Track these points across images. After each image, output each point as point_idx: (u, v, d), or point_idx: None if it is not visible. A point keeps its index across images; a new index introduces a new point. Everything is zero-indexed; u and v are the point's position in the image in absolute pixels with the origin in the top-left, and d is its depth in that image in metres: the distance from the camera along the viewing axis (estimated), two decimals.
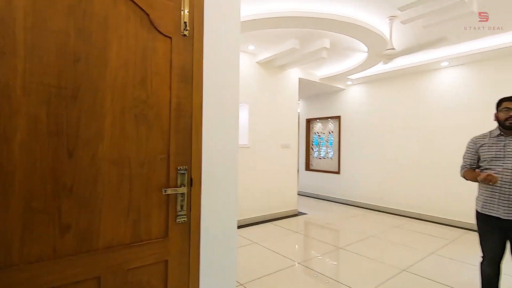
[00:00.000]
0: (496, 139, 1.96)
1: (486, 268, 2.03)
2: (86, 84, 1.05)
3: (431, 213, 4.69)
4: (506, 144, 1.90)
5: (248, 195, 4.42)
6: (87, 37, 1.04)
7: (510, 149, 1.88)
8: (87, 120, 1.04)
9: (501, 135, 1.95)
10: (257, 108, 4.56)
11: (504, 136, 1.93)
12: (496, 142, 1.95)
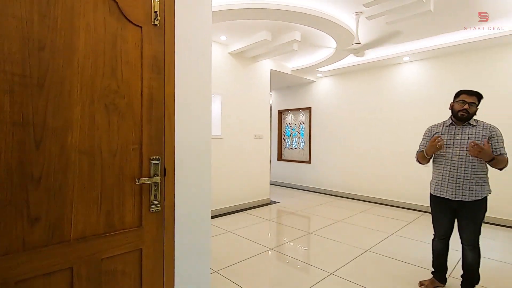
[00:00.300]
0: (448, 128, 2.17)
1: (437, 244, 2.28)
2: (53, 73, 1.02)
3: (393, 198, 5.06)
4: (456, 133, 2.12)
5: (221, 185, 4.46)
6: (52, 24, 1.01)
7: (459, 138, 2.09)
8: (54, 110, 1.02)
9: (452, 125, 2.16)
10: (230, 99, 4.57)
11: (455, 125, 2.14)
12: (448, 131, 2.16)
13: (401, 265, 2.68)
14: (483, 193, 2.03)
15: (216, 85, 4.35)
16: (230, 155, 4.60)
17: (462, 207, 2.07)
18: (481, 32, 3.79)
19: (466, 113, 2.03)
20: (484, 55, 4.11)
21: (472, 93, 2.05)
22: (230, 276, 2.42)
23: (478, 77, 4.15)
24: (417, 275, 2.44)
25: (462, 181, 2.03)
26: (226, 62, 4.51)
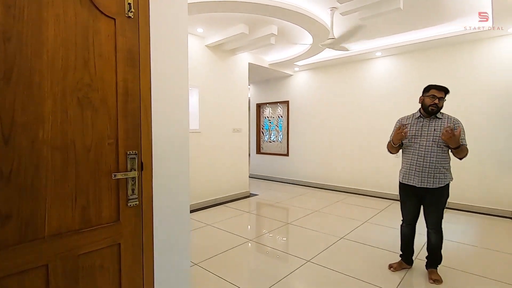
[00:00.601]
0: (417, 120, 2.31)
1: (404, 229, 2.44)
2: (20, 65, 0.98)
3: (367, 187, 5.30)
4: (424, 125, 2.26)
5: (200, 179, 4.46)
6: (18, 14, 0.97)
7: (426, 130, 2.24)
8: (24, 104, 0.99)
9: (420, 117, 2.30)
10: (208, 92, 4.54)
11: (423, 118, 2.29)
12: (417, 123, 2.30)
13: (373, 250, 2.84)
14: (445, 181, 2.20)
15: (193, 78, 4.29)
16: (209, 149, 4.59)
17: (427, 194, 2.23)
18: (446, 29, 4.02)
19: (436, 107, 2.18)
20: (450, 51, 4.37)
21: (441, 88, 2.20)
22: (210, 268, 2.46)
23: (445, 72, 4.41)
24: (387, 259, 2.60)
25: (428, 170, 2.18)
26: (203, 54, 4.45)
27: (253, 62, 5.30)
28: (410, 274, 2.37)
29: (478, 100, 4.15)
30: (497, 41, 4.00)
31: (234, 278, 2.29)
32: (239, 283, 2.22)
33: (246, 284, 2.21)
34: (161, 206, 1.41)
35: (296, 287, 2.22)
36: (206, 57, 4.50)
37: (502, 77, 3.97)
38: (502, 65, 3.97)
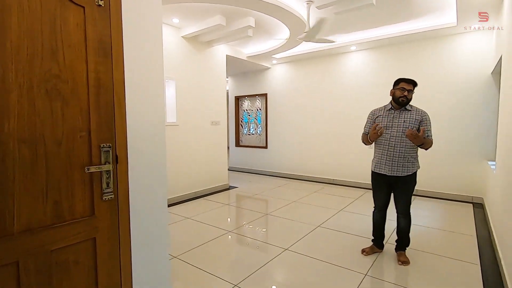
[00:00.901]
0: (388, 112, 2.42)
1: (376, 215, 2.58)
2: None
3: (342, 177, 5.49)
4: (394, 117, 2.38)
5: (179, 172, 4.41)
6: None
7: (396, 121, 2.36)
8: None
9: (391, 109, 2.42)
10: (185, 84, 4.46)
11: (394, 110, 2.40)
12: (388, 115, 2.41)
13: (347, 236, 2.98)
14: (413, 169, 2.34)
15: (170, 70, 4.20)
16: (187, 142, 4.54)
17: (397, 182, 2.36)
18: (415, 25, 4.20)
19: (406, 99, 2.30)
20: (419, 46, 4.57)
21: (410, 81, 2.32)
22: (190, 260, 2.47)
23: (414, 66, 4.61)
24: (360, 244, 2.74)
25: (397, 159, 2.31)
26: (179, 46, 4.36)
27: (230, 55, 5.26)
28: (381, 257, 2.52)
29: (443, 93, 4.40)
30: (460, 38, 4.24)
31: (214, 269, 2.32)
32: (219, 273, 2.26)
33: (226, 274, 2.25)
34: (138, 199, 1.40)
35: (274, 274, 2.29)
36: (182, 48, 4.40)
37: (465, 71, 4.23)
38: (465, 60, 4.22)
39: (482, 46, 4.10)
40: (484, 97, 4.11)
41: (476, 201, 4.22)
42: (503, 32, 2.84)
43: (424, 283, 2.11)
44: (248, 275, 2.22)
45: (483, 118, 4.12)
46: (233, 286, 2.08)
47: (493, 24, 3.83)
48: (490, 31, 4.00)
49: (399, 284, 2.13)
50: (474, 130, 4.21)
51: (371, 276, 2.21)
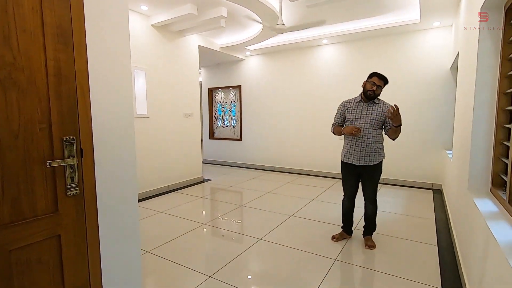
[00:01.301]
0: (357, 104, 2.52)
1: (345, 203, 2.70)
2: None
3: (315, 168, 5.66)
4: (363, 109, 2.48)
5: (151, 166, 4.29)
6: None
7: (365, 113, 2.46)
8: None
9: (361, 101, 2.51)
10: (155, 75, 4.31)
11: (363, 102, 2.50)
12: (357, 106, 2.51)
13: (318, 224, 3.10)
14: (379, 159, 2.47)
15: (139, 59, 4.03)
16: (159, 134, 4.42)
17: (364, 171, 2.49)
18: (383, 21, 4.37)
19: (373, 93, 2.40)
20: (386, 41, 4.77)
21: (382, 77, 2.42)
22: (164, 254, 2.44)
23: (382, 59, 4.81)
24: (331, 231, 2.86)
25: (365, 150, 2.42)
26: (149, 35, 4.18)
27: (203, 45, 5.14)
28: (350, 242, 2.65)
29: (407, 87, 4.65)
30: (423, 34, 4.48)
31: (188, 262, 2.31)
32: (193, 266, 2.26)
33: (200, 266, 2.26)
34: (106, 194, 1.35)
35: (249, 264, 2.33)
36: (152, 38, 4.23)
37: (426, 66, 4.49)
38: (426, 55, 4.48)
39: (442, 42, 4.36)
40: (443, 91, 4.40)
41: (435, 187, 4.55)
42: (460, 30, 3.04)
43: (388, 264, 2.26)
44: (223, 266, 2.24)
45: (442, 110, 4.42)
46: (207, 277, 2.09)
47: (451, 22, 4.08)
48: (450, 29, 4.27)
49: (365, 266, 2.26)
50: (434, 122, 4.51)
51: (340, 260, 2.33)
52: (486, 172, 1.88)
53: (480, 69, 1.85)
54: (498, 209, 1.55)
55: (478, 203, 1.66)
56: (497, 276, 1.20)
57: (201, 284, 2.01)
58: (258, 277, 2.15)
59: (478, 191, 1.89)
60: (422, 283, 2.00)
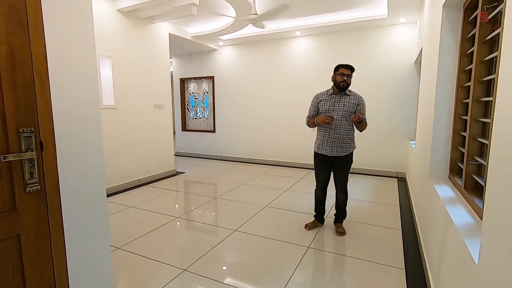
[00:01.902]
0: (330, 96, 2.58)
1: (318, 192, 2.78)
2: None
3: (288, 159, 5.76)
4: (335, 101, 2.54)
5: (121, 159, 4.11)
6: None
7: (337, 105, 2.53)
8: None
9: (333, 94, 2.57)
10: (123, 64, 4.09)
11: (335, 94, 2.56)
12: (330, 99, 2.57)
13: (292, 214, 3.17)
14: (350, 149, 2.57)
15: (104, 47, 3.79)
16: (129, 126, 4.23)
17: (336, 161, 2.57)
18: (354, 14, 4.48)
19: (346, 83, 2.47)
20: (357, 35, 4.90)
21: (348, 66, 2.50)
22: (136, 249, 2.37)
23: (353, 53, 4.95)
24: (304, 220, 2.95)
25: (337, 141, 2.51)
26: (115, 20, 3.94)
27: (174, 33, 4.96)
28: (322, 230, 2.75)
29: (375, 80, 4.84)
30: (390, 29, 4.67)
31: (161, 256, 2.27)
32: (167, 260, 2.22)
33: (174, 260, 2.22)
34: (71, 189, 1.27)
35: (224, 255, 2.33)
36: (119, 23, 3.99)
37: (393, 61, 4.70)
38: (393, 50, 4.68)
39: (407, 38, 4.58)
40: (408, 84, 4.64)
41: (400, 175, 4.84)
42: (424, 26, 3.21)
43: (357, 249, 2.38)
44: (198, 259, 2.23)
45: (406, 103, 4.67)
46: (182, 271, 2.07)
47: (416, 18, 4.29)
48: (414, 25, 4.48)
49: (336, 252, 2.36)
50: (400, 114, 4.76)
51: (313, 248, 2.41)
52: (445, 160, 2.03)
53: (441, 64, 1.97)
54: (455, 195, 1.69)
55: (438, 189, 1.79)
56: (454, 255, 1.31)
57: (175, 278, 1.99)
58: (233, 268, 2.16)
59: (438, 178, 2.03)
60: (388, 265, 2.14)
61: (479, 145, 1.56)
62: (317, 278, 2.04)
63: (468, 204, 1.50)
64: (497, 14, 1.33)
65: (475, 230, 1.21)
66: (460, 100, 1.86)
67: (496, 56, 1.23)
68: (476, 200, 1.42)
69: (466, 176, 1.60)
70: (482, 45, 1.48)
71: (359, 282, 1.95)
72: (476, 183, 1.55)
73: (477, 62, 1.51)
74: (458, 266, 1.22)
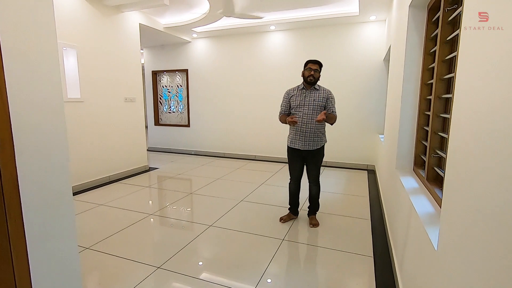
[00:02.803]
0: (301, 91, 2.62)
1: (292, 185, 2.84)
2: None
3: (264, 153, 5.81)
4: (306, 96, 2.59)
5: (89, 155, 3.91)
6: None
7: (308, 99, 2.57)
8: None
9: (303, 89, 2.62)
10: (90, 54, 3.87)
11: (305, 89, 2.61)
12: (300, 94, 2.61)
13: (267, 207, 3.21)
14: (322, 143, 2.64)
15: (68, 35, 3.56)
16: (97, 120, 4.03)
17: (308, 155, 2.63)
18: (327, 11, 4.56)
19: (313, 78, 2.52)
20: (329, 31, 5.00)
21: (315, 62, 2.55)
22: (106, 249, 2.29)
23: (326, 48, 5.05)
24: (279, 213, 3.00)
25: (309, 135, 2.56)
26: (80, 7, 3.70)
27: (145, 24, 4.76)
28: (296, 222, 2.82)
29: (346, 75, 4.99)
30: (361, 26, 4.82)
31: (134, 255, 2.21)
32: (140, 258, 2.16)
33: (148, 258, 2.17)
34: (32, 188, 1.19)
35: (199, 251, 2.32)
36: (83, 11, 3.75)
37: (363, 57, 4.86)
38: (363, 46, 4.84)
39: (377, 36, 4.75)
40: (377, 80, 4.84)
41: (370, 168, 5.06)
42: (392, 24, 3.34)
43: (329, 240, 2.47)
44: (172, 255, 2.19)
45: (376, 98, 4.87)
46: (156, 268, 2.03)
47: (385, 17, 4.45)
48: (384, 23, 4.65)
49: (310, 243, 2.44)
50: (370, 108, 4.95)
51: (288, 240, 2.47)
52: (410, 153, 2.15)
53: (407, 62, 2.07)
54: (418, 186, 1.80)
55: (403, 181, 1.90)
56: (416, 242, 1.40)
57: (149, 276, 1.94)
58: (208, 263, 2.16)
59: (404, 170, 2.15)
60: (357, 254, 2.24)
61: (440, 139, 1.67)
62: (291, 269, 2.09)
63: (430, 194, 1.60)
64: (457, 15, 1.41)
65: (435, 218, 1.30)
66: (424, 96, 1.97)
67: (455, 56, 1.31)
68: (437, 190, 1.52)
69: (428, 168, 1.71)
70: (443, 44, 1.58)
71: (331, 271, 2.03)
72: (437, 174, 1.66)
73: (439, 61, 1.61)
74: (419, 252, 1.31)
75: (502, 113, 0.64)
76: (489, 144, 0.70)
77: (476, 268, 0.72)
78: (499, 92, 0.66)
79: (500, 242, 0.62)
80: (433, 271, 1.07)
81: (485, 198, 0.70)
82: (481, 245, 0.70)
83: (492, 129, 0.69)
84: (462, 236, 0.82)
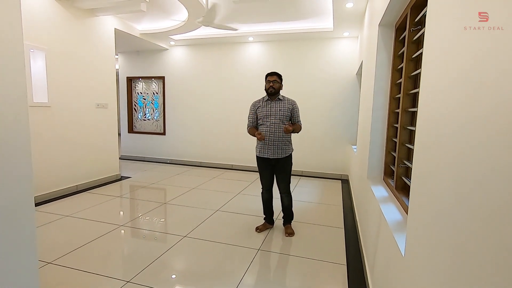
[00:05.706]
0: (266, 102, 2.70)
1: (264, 194, 2.85)
2: None
3: (240, 163, 5.79)
4: (271, 106, 2.66)
5: (55, 163, 3.69)
6: None
7: (274, 110, 2.64)
8: None
9: (268, 100, 2.69)
10: (60, 57, 3.70)
11: (270, 100, 2.68)
12: (266, 105, 2.69)
13: (243, 217, 3.19)
14: (289, 151, 2.71)
15: (36, 37, 3.39)
16: (65, 126, 3.83)
17: (277, 163, 2.68)
18: (303, 25, 4.73)
19: (273, 89, 2.63)
20: (305, 44, 5.17)
21: (273, 73, 2.68)
22: (71, 263, 2.14)
23: (300, 61, 5.20)
24: (255, 223, 2.98)
25: (277, 144, 2.62)
26: (50, 9, 3.55)
27: (120, 29, 4.65)
28: (272, 232, 2.82)
29: (321, 88, 5.16)
30: (335, 42, 5.03)
31: (101, 269, 2.09)
32: (108, 272, 2.05)
33: (116, 272, 2.06)
34: None
35: (172, 263, 2.24)
36: (55, 13, 3.61)
37: (337, 71, 5.07)
38: (337, 61, 5.05)
39: (350, 51, 4.98)
40: (350, 93, 5.04)
41: (343, 177, 5.21)
42: (364, 41, 3.53)
43: (304, 249, 2.49)
44: (143, 268, 2.10)
45: (350, 110, 5.07)
46: (125, 283, 1.93)
47: (358, 34, 4.69)
48: (356, 39, 4.90)
49: (285, 253, 2.44)
50: (343, 121, 5.13)
51: (263, 250, 2.46)
52: (380, 163, 2.25)
53: (377, 77, 2.19)
54: (388, 194, 1.88)
55: (374, 190, 1.98)
56: (385, 248, 1.45)
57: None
58: (181, 275, 2.09)
59: (374, 179, 2.24)
60: (331, 262, 2.28)
61: (407, 150, 1.76)
62: (266, 279, 2.08)
63: (398, 202, 1.68)
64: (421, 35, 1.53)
65: (403, 225, 1.36)
66: (393, 109, 2.08)
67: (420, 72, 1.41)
68: (404, 198, 1.60)
69: (397, 178, 1.80)
70: (409, 62, 1.69)
71: (305, 280, 2.04)
72: (405, 183, 1.75)
73: (405, 77, 1.72)
74: (388, 258, 1.36)
75: (459, 125, 0.70)
76: (451, 154, 0.75)
77: (440, 273, 0.76)
78: (458, 105, 0.72)
79: (463, 247, 0.66)
80: (401, 277, 1.11)
81: (448, 205, 0.74)
82: (445, 250, 0.74)
83: (452, 141, 0.74)
84: (427, 242, 0.86)
